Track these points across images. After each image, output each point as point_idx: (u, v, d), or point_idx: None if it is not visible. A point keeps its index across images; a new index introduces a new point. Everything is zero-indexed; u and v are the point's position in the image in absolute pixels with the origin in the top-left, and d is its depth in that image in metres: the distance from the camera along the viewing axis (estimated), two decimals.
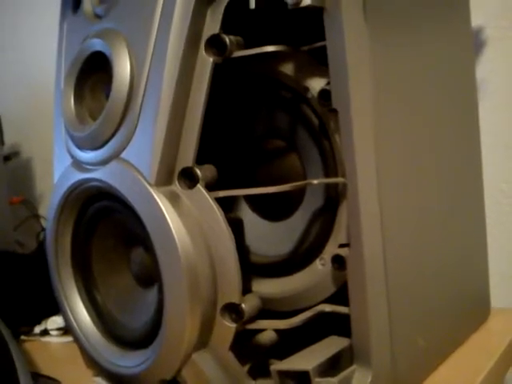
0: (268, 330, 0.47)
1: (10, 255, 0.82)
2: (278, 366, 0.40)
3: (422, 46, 0.46)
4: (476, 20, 0.61)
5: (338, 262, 0.41)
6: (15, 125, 1.04)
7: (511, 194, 0.66)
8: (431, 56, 0.48)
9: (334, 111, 0.39)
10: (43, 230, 0.98)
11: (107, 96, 0.43)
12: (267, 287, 0.46)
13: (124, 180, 0.42)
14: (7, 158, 0.99)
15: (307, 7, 0.38)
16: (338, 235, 0.42)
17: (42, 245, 0.88)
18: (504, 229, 0.66)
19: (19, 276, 0.75)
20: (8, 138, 0.97)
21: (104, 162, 0.44)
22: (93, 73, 0.46)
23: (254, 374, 0.42)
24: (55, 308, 0.51)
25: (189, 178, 0.41)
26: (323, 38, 0.38)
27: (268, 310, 0.44)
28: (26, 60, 1.11)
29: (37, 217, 1.03)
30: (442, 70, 0.50)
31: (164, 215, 0.40)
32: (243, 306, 0.40)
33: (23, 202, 1.02)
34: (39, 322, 0.70)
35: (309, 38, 0.42)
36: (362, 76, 0.38)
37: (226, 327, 0.41)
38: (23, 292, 0.72)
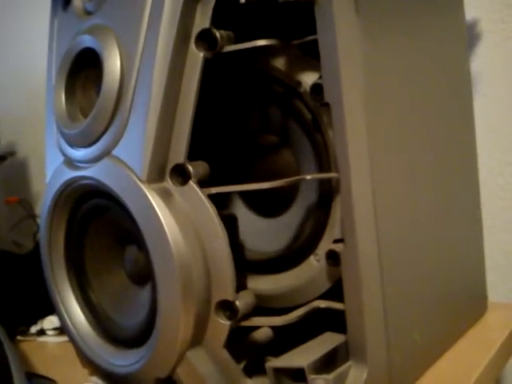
0: (263, 327, 0.47)
1: (7, 255, 0.82)
2: (273, 363, 0.40)
3: (414, 39, 0.46)
4: (470, 13, 0.61)
5: (333, 257, 0.40)
6: (11, 124, 1.03)
7: (507, 187, 0.65)
8: (424, 49, 0.47)
9: (327, 105, 0.38)
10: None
11: (98, 93, 0.43)
12: (262, 284, 0.46)
13: (115, 177, 0.42)
14: (3, 158, 0.99)
15: (298, 0, 0.37)
16: (333, 231, 0.42)
17: (38, 245, 0.88)
18: (500, 222, 0.66)
19: (16, 276, 0.74)
20: (4, 138, 0.97)
21: (95, 160, 0.43)
22: (83, 69, 0.46)
23: (249, 371, 0.42)
24: (51, 308, 0.51)
25: (181, 175, 0.41)
26: (314, 32, 0.38)
27: (263, 306, 0.44)
28: (22, 59, 1.11)
29: (33, 216, 1.02)
30: (436, 63, 0.49)
31: (156, 212, 0.39)
32: (237, 303, 0.40)
33: (19, 202, 1.01)
34: (35, 322, 0.70)
35: (300, 31, 0.42)
36: (354, 69, 0.38)
37: (221, 325, 0.40)
38: (19, 292, 0.72)
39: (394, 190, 0.42)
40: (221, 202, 0.41)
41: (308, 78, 0.42)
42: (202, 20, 0.40)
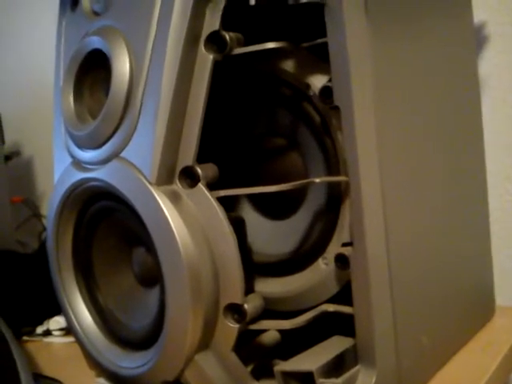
0: (271, 330, 0.46)
1: (12, 255, 0.82)
2: (281, 366, 0.40)
3: (423, 41, 0.46)
4: (478, 16, 0.61)
5: (341, 261, 0.40)
6: (16, 123, 1.04)
7: None
8: (433, 52, 0.47)
9: (336, 108, 0.38)
10: (45, 229, 0.97)
11: (107, 94, 0.43)
12: (270, 287, 0.46)
13: (124, 179, 0.42)
14: (8, 158, 0.99)
15: (308, 3, 0.37)
16: (341, 234, 0.42)
17: (43, 244, 0.88)
18: (507, 226, 0.65)
19: (21, 276, 0.74)
20: (9, 137, 0.97)
21: (104, 162, 0.43)
22: (92, 71, 0.46)
23: (257, 374, 0.42)
24: (57, 308, 0.51)
25: (190, 177, 0.41)
26: (324, 35, 0.38)
27: (271, 309, 0.44)
28: (26, 59, 1.11)
29: (38, 216, 1.03)
30: (444, 65, 0.49)
31: (165, 215, 0.39)
32: (246, 306, 0.40)
33: (24, 202, 1.01)
34: (41, 323, 0.70)
35: (310, 34, 0.42)
36: (364, 72, 0.38)
37: (229, 328, 0.40)
38: (25, 292, 0.71)
39: (403, 194, 0.42)
40: (229, 205, 0.41)
41: (317, 81, 0.42)
42: (212, 22, 0.40)
